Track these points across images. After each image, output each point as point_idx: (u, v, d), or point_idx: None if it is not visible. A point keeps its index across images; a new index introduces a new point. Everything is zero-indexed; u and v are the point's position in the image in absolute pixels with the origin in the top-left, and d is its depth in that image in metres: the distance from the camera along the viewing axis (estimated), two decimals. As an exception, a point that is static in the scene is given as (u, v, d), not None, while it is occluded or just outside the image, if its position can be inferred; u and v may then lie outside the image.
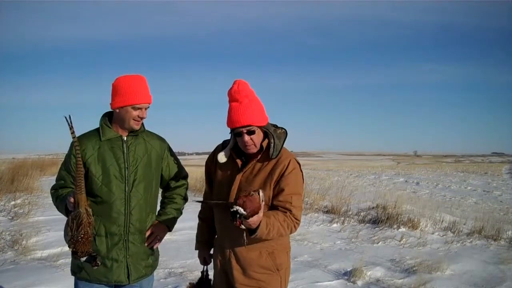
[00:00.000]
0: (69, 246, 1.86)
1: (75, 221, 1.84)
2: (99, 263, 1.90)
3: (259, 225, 1.79)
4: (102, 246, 2.04)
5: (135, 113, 2.05)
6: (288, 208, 1.95)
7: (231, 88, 1.95)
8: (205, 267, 2.27)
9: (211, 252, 2.26)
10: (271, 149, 1.98)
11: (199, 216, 2.31)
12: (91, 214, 1.90)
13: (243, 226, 1.77)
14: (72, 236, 1.83)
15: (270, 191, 1.98)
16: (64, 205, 1.98)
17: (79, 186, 1.88)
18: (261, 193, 1.77)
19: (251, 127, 1.93)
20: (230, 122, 1.95)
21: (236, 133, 1.96)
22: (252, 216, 1.73)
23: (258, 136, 1.97)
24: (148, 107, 2.11)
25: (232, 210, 1.73)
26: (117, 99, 2.05)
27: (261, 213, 1.78)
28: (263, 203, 1.79)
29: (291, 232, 1.98)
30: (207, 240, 2.28)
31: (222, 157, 2.07)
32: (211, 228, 2.24)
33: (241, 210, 1.72)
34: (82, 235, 1.83)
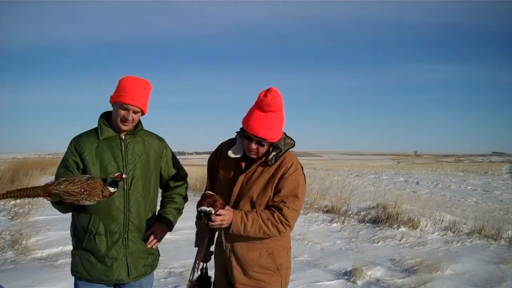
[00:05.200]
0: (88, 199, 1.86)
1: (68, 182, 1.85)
2: (124, 176, 1.93)
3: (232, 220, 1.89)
4: (102, 244, 2.04)
5: (122, 112, 2.04)
6: (280, 207, 1.95)
7: (264, 96, 1.90)
8: (205, 264, 2.27)
9: (211, 249, 2.26)
10: (270, 156, 1.99)
11: None
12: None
13: (211, 223, 1.87)
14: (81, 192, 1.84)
15: (271, 193, 1.99)
16: (59, 202, 1.95)
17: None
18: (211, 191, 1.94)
19: (263, 140, 1.94)
20: (246, 125, 1.94)
21: (247, 136, 1.96)
22: (219, 208, 1.85)
23: (264, 148, 1.98)
24: (139, 113, 2.08)
25: (198, 210, 1.86)
26: (113, 94, 2.07)
27: (229, 209, 1.89)
28: (220, 198, 1.90)
29: (279, 233, 1.97)
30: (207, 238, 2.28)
31: (231, 154, 2.06)
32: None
33: (205, 208, 1.85)
34: (83, 190, 1.84)
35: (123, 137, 2.11)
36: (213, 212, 1.84)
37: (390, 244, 5.88)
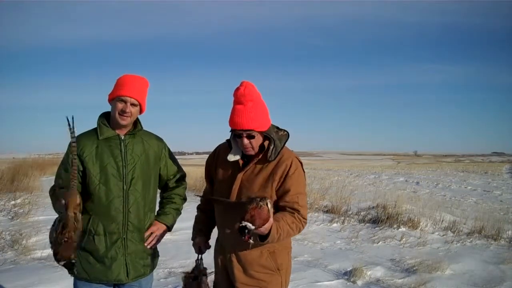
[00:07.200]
0: (51, 247, 1.84)
1: (61, 223, 1.81)
2: (75, 273, 1.88)
3: (269, 231, 1.82)
4: (101, 245, 2.04)
5: (120, 106, 2.04)
6: (296, 209, 1.98)
7: (237, 90, 1.95)
8: (200, 256, 2.22)
9: (209, 244, 2.24)
10: (269, 152, 1.99)
11: (198, 207, 2.30)
12: (80, 219, 1.87)
13: (251, 241, 1.81)
14: (55, 238, 1.80)
15: (271, 191, 1.98)
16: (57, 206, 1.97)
17: (72, 188, 1.86)
18: (269, 204, 1.81)
19: (251, 132, 1.94)
20: (232, 123, 1.97)
21: (236, 134, 1.98)
22: (260, 227, 1.77)
23: (257, 141, 1.98)
24: (137, 106, 2.08)
25: (240, 225, 1.75)
26: (111, 92, 2.08)
27: (271, 220, 1.81)
28: (272, 210, 1.82)
29: (299, 232, 2.01)
30: (204, 229, 2.25)
31: (231, 157, 2.06)
32: (210, 219, 2.23)
33: (250, 225, 1.74)
34: (65, 239, 1.79)
35: (123, 137, 2.11)
36: (252, 228, 1.76)
37: (390, 244, 5.88)
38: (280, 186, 1.98)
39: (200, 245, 2.23)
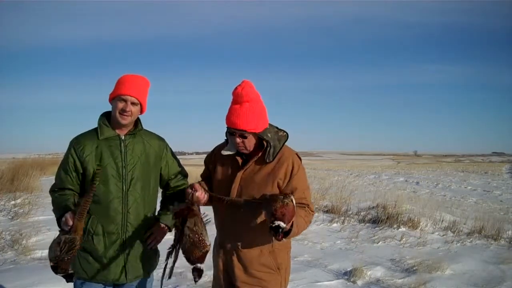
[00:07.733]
0: (50, 260, 1.89)
1: (67, 245, 1.86)
2: (74, 281, 1.95)
3: (291, 227, 1.86)
4: (100, 245, 2.05)
5: (120, 105, 2.05)
6: (306, 203, 2.03)
7: (235, 89, 1.97)
8: (192, 190, 1.99)
9: (207, 189, 2.10)
10: (267, 153, 2.00)
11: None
12: (82, 239, 1.94)
13: (285, 240, 1.83)
14: (59, 255, 1.86)
15: (271, 190, 1.99)
16: (59, 214, 1.99)
17: (81, 213, 1.89)
18: (294, 200, 1.85)
19: (244, 132, 1.96)
20: (227, 121, 2.00)
21: (230, 132, 2.01)
22: (289, 223, 1.80)
23: (249, 141, 2.00)
24: (138, 105, 2.08)
25: (273, 225, 1.75)
26: (111, 91, 2.08)
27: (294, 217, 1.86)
28: (289, 202, 1.85)
29: (309, 224, 2.07)
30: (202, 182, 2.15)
31: (225, 152, 2.07)
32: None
33: (282, 224, 1.75)
34: (69, 257, 1.87)
35: (123, 138, 2.11)
36: (284, 227, 1.77)
37: (390, 244, 5.88)
38: (286, 186, 2.00)
39: (193, 183, 2.05)
